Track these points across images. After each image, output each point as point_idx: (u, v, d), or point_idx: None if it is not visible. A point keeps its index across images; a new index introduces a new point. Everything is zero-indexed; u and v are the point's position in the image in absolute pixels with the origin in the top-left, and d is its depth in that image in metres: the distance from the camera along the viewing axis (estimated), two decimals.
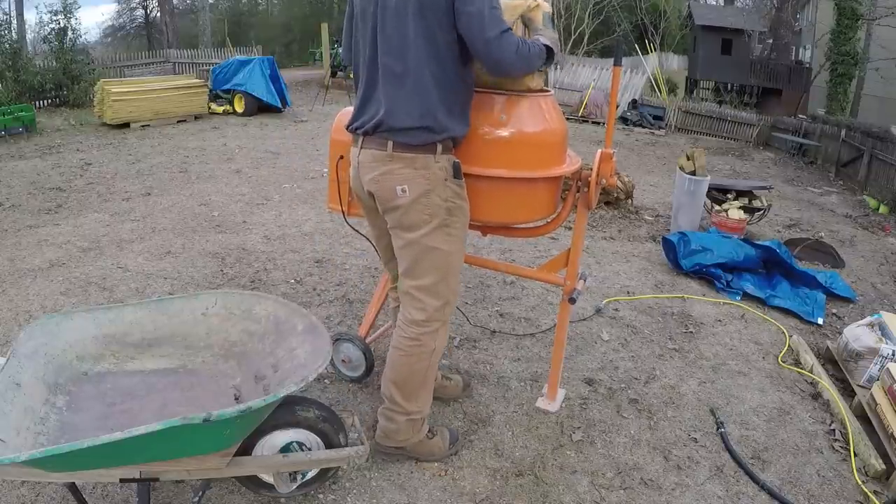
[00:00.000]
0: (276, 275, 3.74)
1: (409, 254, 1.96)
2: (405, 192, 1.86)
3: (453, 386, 2.59)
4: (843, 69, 14.40)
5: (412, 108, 1.81)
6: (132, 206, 4.94)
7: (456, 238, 1.96)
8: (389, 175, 1.86)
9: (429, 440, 2.21)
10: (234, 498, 1.99)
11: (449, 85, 1.84)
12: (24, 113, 7.68)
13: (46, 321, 1.90)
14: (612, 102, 2.15)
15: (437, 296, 1.99)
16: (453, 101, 1.87)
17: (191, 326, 2.07)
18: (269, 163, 6.74)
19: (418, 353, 2.02)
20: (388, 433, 2.14)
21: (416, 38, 1.76)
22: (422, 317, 2.00)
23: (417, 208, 1.87)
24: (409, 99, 1.81)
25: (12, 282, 3.45)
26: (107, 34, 27.73)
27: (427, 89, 1.80)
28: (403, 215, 1.89)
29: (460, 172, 1.92)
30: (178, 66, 12.78)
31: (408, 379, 2.06)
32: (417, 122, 1.82)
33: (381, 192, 1.90)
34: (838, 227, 6.09)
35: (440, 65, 1.79)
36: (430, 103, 1.81)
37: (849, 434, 2.56)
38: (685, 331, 3.43)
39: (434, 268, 1.95)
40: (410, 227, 1.91)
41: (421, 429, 2.18)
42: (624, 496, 2.16)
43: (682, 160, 5.18)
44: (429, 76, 1.79)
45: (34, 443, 1.63)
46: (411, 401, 2.09)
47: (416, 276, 1.98)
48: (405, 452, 2.20)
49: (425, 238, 1.91)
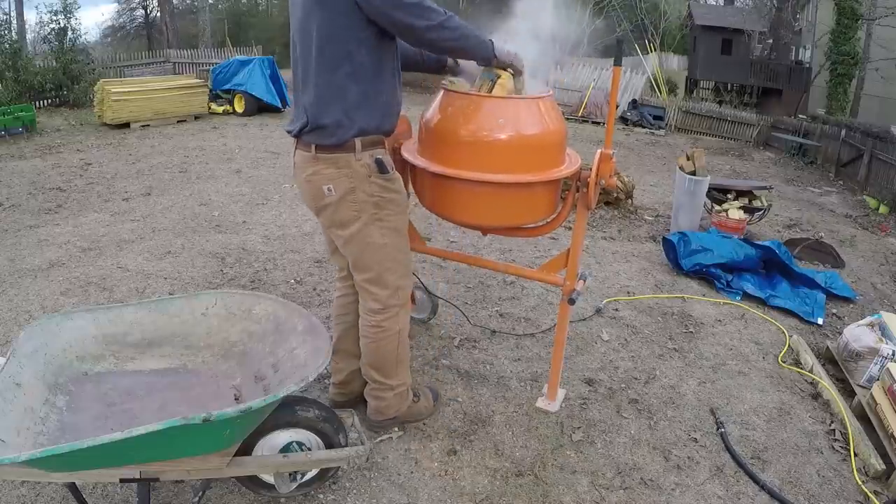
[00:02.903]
0: (276, 275, 3.74)
1: (349, 250, 2.04)
2: (331, 191, 1.91)
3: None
4: (843, 69, 14.38)
5: (324, 107, 1.83)
6: (132, 206, 4.94)
7: (391, 230, 2.02)
8: (317, 175, 1.91)
9: (415, 404, 2.39)
10: (234, 498, 1.99)
11: (359, 79, 1.82)
12: (24, 113, 7.68)
13: (46, 321, 1.90)
14: (612, 102, 2.15)
15: (384, 285, 2.08)
16: (363, 94, 1.84)
17: (191, 326, 2.07)
18: (269, 163, 6.74)
19: (384, 336, 2.14)
20: (381, 409, 2.29)
21: (318, 31, 1.77)
22: (377, 306, 2.11)
23: (345, 206, 1.94)
24: (320, 97, 1.83)
25: (12, 282, 3.45)
26: (107, 34, 27.69)
27: (334, 86, 1.81)
28: (334, 213, 1.97)
29: (386, 167, 1.94)
30: (178, 66, 12.77)
31: (383, 360, 2.19)
32: (329, 120, 1.83)
33: (312, 192, 1.95)
34: (838, 227, 6.09)
35: (347, 58, 1.79)
36: (339, 99, 1.82)
37: (849, 434, 2.56)
38: (685, 331, 3.43)
39: (374, 261, 2.03)
40: (343, 225, 1.98)
41: (407, 397, 2.34)
42: (624, 496, 2.16)
43: (682, 160, 5.17)
44: (340, 73, 1.79)
45: (34, 443, 1.63)
46: (392, 377, 2.23)
47: (361, 270, 2.07)
48: (398, 421, 2.36)
49: (359, 234, 1.98)
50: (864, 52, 14.56)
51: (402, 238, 2.10)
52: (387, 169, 1.95)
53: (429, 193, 2.29)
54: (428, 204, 2.33)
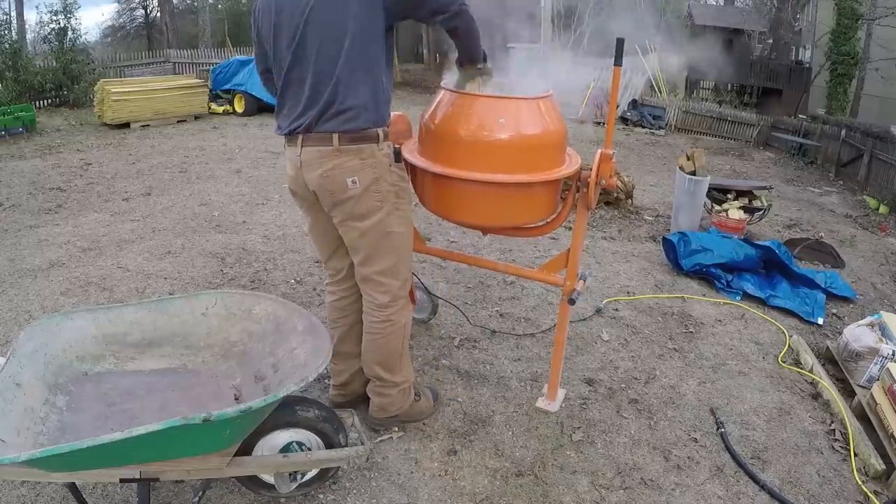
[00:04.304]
0: (276, 275, 3.74)
1: (366, 242, 2.03)
2: (356, 183, 1.91)
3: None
4: (843, 69, 14.37)
5: (349, 91, 1.85)
6: (132, 206, 4.94)
7: (406, 219, 2.08)
8: (338, 169, 1.90)
9: (417, 403, 2.40)
10: (234, 498, 1.99)
11: (375, 70, 1.88)
12: (24, 113, 7.68)
13: (46, 321, 1.90)
14: (612, 103, 2.15)
15: (397, 275, 2.11)
16: (380, 83, 1.90)
17: (191, 326, 2.07)
18: (269, 163, 6.74)
19: (392, 331, 2.15)
20: (384, 406, 2.29)
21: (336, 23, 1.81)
22: (387, 298, 2.12)
23: (369, 196, 1.95)
24: (343, 84, 1.84)
25: (12, 282, 3.45)
26: (107, 34, 27.64)
27: (361, 71, 1.84)
28: (355, 206, 1.96)
29: (400, 156, 2.04)
30: (178, 66, 12.76)
31: (389, 356, 2.20)
32: (356, 102, 1.85)
33: (331, 187, 1.93)
34: (838, 227, 6.09)
35: (365, 47, 1.83)
36: (364, 85, 1.86)
37: (849, 434, 2.56)
38: (685, 331, 3.43)
39: (392, 249, 2.06)
40: (363, 216, 1.97)
41: (410, 395, 2.35)
42: (624, 496, 2.16)
43: (682, 160, 5.17)
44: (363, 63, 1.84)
45: (34, 443, 1.63)
46: (396, 373, 2.24)
47: (375, 262, 2.07)
48: (399, 419, 2.36)
49: (381, 223, 2.00)
50: (864, 52, 14.55)
51: (411, 228, 2.16)
52: (401, 158, 2.04)
53: (429, 193, 2.28)
54: (428, 204, 2.33)
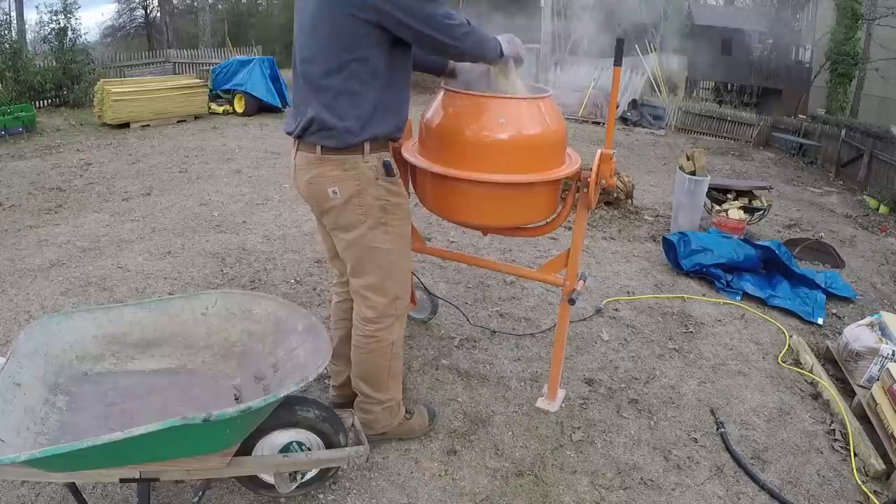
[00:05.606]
0: (276, 275, 3.74)
1: (351, 254, 1.98)
2: (336, 193, 1.86)
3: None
4: (843, 69, 14.38)
5: (337, 112, 1.77)
6: (132, 206, 4.94)
7: (395, 235, 1.97)
8: (321, 177, 1.86)
9: (407, 420, 2.31)
10: (234, 498, 1.99)
11: (374, 87, 1.78)
12: (24, 113, 7.68)
13: (46, 321, 1.90)
14: (612, 103, 2.15)
15: (384, 293, 2.02)
16: (379, 104, 1.81)
17: (191, 326, 2.07)
18: (269, 163, 6.74)
19: (377, 348, 2.07)
20: (368, 423, 2.20)
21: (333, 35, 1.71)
22: (373, 314, 2.04)
23: (351, 209, 1.88)
24: (334, 103, 1.77)
25: (12, 282, 3.45)
26: (107, 34, 27.63)
27: (349, 92, 1.76)
28: (338, 216, 1.91)
29: (393, 170, 1.91)
30: (178, 66, 12.77)
31: (373, 373, 2.12)
32: (340, 125, 1.78)
33: (315, 195, 1.90)
34: (838, 227, 6.09)
35: (360, 62, 1.74)
36: (354, 108, 1.77)
37: (849, 434, 2.56)
38: (685, 331, 3.43)
39: (376, 266, 1.98)
40: (347, 228, 1.93)
41: (398, 413, 2.26)
42: (624, 496, 2.16)
43: (682, 160, 5.18)
44: (356, 79, 1.75)
45: (34, 443, 1.63)
46: (381, 391, 2.16)
47: (361, 275, 2.01)
48: (386, 437, 2.29)
49: (364, 238, 1.93)
50: (864, 52, 14.55)
51: (406, 246, 2.06)
52: (393, 172, 1.91)
53: (429, 194, 2.28)
54: (428, 204, 2.33)
